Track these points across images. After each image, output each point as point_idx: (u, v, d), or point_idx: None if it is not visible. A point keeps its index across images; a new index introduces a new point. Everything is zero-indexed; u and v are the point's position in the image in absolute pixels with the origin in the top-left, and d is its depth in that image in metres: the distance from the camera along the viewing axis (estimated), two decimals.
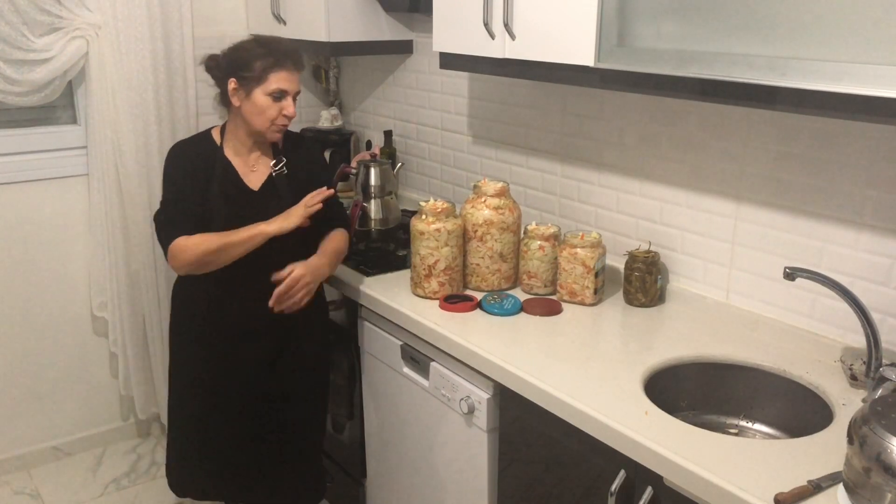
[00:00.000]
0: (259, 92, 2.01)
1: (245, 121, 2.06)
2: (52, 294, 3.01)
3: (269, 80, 2.01)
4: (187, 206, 2.05)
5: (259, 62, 2.00)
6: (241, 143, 2.11)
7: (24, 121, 2.88)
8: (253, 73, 2.00)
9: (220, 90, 2.10)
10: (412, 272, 2.18)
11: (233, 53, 2.06)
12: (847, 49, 1.34)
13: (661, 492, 1.48)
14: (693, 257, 2.08)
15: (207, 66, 2.10)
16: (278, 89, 2.01)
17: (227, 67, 2.04)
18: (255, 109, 2.02)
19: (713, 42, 1.54)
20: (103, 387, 3.20)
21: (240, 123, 2.08)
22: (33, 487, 2.99)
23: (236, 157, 2.11)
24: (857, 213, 1.73)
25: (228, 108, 2.10)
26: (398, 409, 2.21)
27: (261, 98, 2.01)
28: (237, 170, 2.10)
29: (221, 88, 2.08)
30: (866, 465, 1.20)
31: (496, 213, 2.15)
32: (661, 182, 2.12)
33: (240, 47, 2.06)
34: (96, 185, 2.92)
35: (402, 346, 2.13)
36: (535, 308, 2.06)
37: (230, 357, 2.17)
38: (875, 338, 1.60)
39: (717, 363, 1.82)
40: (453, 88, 2.76)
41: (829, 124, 1.74)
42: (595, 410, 1.57)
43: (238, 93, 2.03)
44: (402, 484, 2.27)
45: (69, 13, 2.72)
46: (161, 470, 3.10)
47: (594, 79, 1.81)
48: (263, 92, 2.01)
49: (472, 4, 2.04)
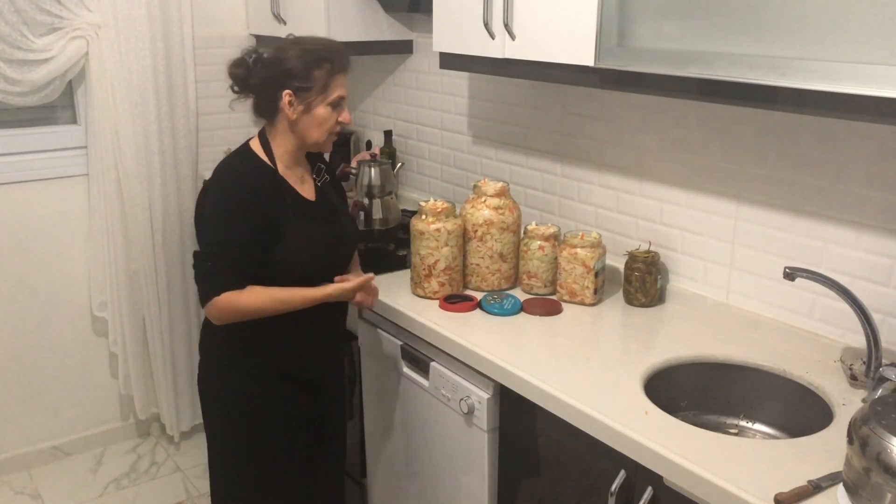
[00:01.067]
0: (320, 103, 1.84)
1: (300, 134, 1.87)
2: (52, 294, 3.01)
3: (330, 90, 1.84)
4: (240, 252, 1.79)
5: (317, 70, 1.82)
6: (292, 158, 1.91)
7: (24, 121, 2.88)
8: (312, 83, 1.82)
9: (257, 99, 1.88)
10: (412, 272, 2.18)
11: (279, 62, 1.83)
12: (847, 49, 1.34)
13: (661, 492, 1.48)
14: (693, 257, 2.08)
15: (234, 75, 1.86)
16: (339, 97, 1.86)
17: (274, 77, 1.83)
18: (315, 122, 1.85)
19: (713, 42, 1.54)
20: (103, 387, 3.20)
21: (291, 137, 1.88)
22: (33, 487, 2.99)
23: (288, 171, 1.91)
24: (858, 213, 1.73)
25: (272, 120, 1.89)
26: (398, 409, 2.21)
27: (322, 110, 1.84)
28: (293, 186, 1.91)
29: (261, 98, 1.87)
30: (866, 465, 1.20)
31: (496, 213, 2.15)
32: (661, 182, 2.12)
33: (287, 55, 1.83)
34: (96, 185, 2.92)
35: (402, 346, 2.13)
36: (535, 308, 2.06)
37: (313, 387, 2.04)
38: (875, 338, 1.60)
39: (717, 363, 1.82)
40: (453, 88, 2.76)
41: (829, 124, 1.74)
42: (595, 410, 1.57)
43: (294, 106, 1.83)
44: (402, 484, 2.27)
45: (69, 13, 2.72)
46: (161, 469, 3.11)
47: (594, 79, 1.81)
48: (325, 102, 1.84)
49: (472, 4, 2.04)
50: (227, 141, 3.16)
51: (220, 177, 1.87)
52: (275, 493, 2.05)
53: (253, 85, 1.86)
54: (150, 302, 3.03)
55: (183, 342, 3.16)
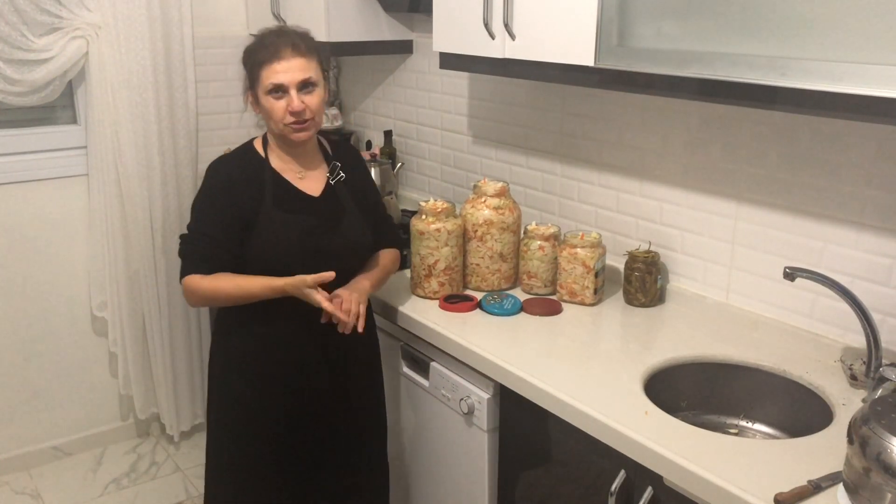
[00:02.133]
0: (261, 94, 1.84)
1: (268, 127, 1.92)
2: (52, 294, 3.01)
3: (261, 80, 1.82)
4: (208, 239, 1.85)
5: (251, 64, 1.85)
6: (282, 151, 1.93)
7: (24, 121, 2.88)
8: (252, 76, 1.86)
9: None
10: (412, 272, 2.18)
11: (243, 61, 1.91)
12: (847, 49, 1.34)
13: (661, 492, 1.48)
14: (693, 257, 2.08)
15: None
16: (272, 85, 1.81)
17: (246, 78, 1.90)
18: (266, 114, 1.86)
19: (713, 42, 1.54)
20: (103, 387, 3.20)
21: (270, 131, 1.94)
22: (33, 487, 2.99)
23: (283, 165, 1.93)
24: (858, 213, 1.73)
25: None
26: (398, 409, 2.21)
27: (265, 101, 1.84)
28: (287, 179, 1.93)
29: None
30: (866, 465, 1.20)
31: (496, 213, 2.15)
32: (661, 182, 2.12)
33: (244, 51, 1.90)
34: (96, 185, 2.92)
35: (403, 346, 2.13)
36: (536, 308, 2.06)
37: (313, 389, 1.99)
38: (875, 338, 1.60)
39: (717, 363, 1.82)
40: (453, 88, 2.76)
41: (829, 124, 1.74)
42: (595, 410, 1.57)
43: (252, 102, 1.89)
44: (402, 484, 2.27)
45: (69, 13, 2.72)
46: (161, 469, 3.11)
47: (594, 79, 1.81)
48: (264, 93, 1.83)
49: (472, 4, 2.04)
50: (227, 141, 3.16)
51: (209, 167, 1.94)
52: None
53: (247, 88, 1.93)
54: (150, 302, 3.03)
55: (183, 342, 3.16)
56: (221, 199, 1.87)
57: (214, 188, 1.89)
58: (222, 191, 1.87)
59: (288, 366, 1.95)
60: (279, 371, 1.95)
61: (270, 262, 1.86)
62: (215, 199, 1.88)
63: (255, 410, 1.97)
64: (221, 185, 1.88)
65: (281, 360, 1.95)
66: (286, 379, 1.95)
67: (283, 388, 1.96)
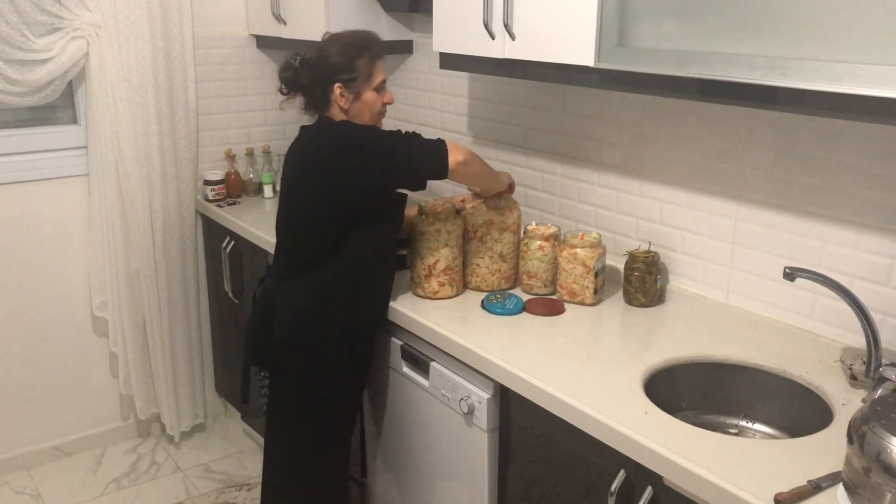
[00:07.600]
0: (367, 89, 2.03)
1: (353, 119, 2.05)
2: (52, 294, 3.01)
3: (374, 76, 2.04)
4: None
5: (360, 60, 2.01)
6: None
7: (24, 121, 2.89)
8: (358, 73, 2.01)
9: (308, 97, 2.07)
10: (412, 272, 2.19)
11: (323, 60, 2.02)
12: (847, 49, 1.34)
13: (661, 492, 1.48)
14: (693, 257, 2.08)
15: (286, 78, 2.05)
16: (383, 80, 2.06)
17: (322, 74, 2.01)
18: (365, 107, 2.05)
19: (713, 42, 1.54)
20: (103, 387, 3.20)
21: None
22: (33, 487, 3.00)
23: None
24: (857, 213, 1.73)
25: (322, 114, 2.07)
26: (398, 409, 2.21)
27: (370, 95, 2.04)
28: None
29: (312, 95, 2.05)
30: (866, 465, 1.20)
31: (496, 214, 2.15)
32: (661, 182, 2.12)
33: (329, 52, 2.02)
34: (96, 185, 2.93)
35: (403, 346, 2.13)
36: (538, 308, 2.06)
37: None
38: (875, 338, 1.60)
39: (716, 363, 1.82)
40: (453, 88, 2.76)
41: (829, 124, 1.74)
42: (595, 410, 1.57)
43: (345, 96, 2.02)
44: (402, 484, 2.27)
45: (69, 13, 2.72)
46: (161, 469, 3.11)
47: (594, 79, 1.81)
48: (371, 88, 2.03)
49: (472, 4, 2.04)
50: (227, 141, 3.17)
51: (344, 126, 2.02)
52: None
53: (302, 85, 2.05)
54: (150, 302, 3.03)
55: (183, 342, 3.16)
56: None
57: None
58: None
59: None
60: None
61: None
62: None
63: (335, 362, 2.10)
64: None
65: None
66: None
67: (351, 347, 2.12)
